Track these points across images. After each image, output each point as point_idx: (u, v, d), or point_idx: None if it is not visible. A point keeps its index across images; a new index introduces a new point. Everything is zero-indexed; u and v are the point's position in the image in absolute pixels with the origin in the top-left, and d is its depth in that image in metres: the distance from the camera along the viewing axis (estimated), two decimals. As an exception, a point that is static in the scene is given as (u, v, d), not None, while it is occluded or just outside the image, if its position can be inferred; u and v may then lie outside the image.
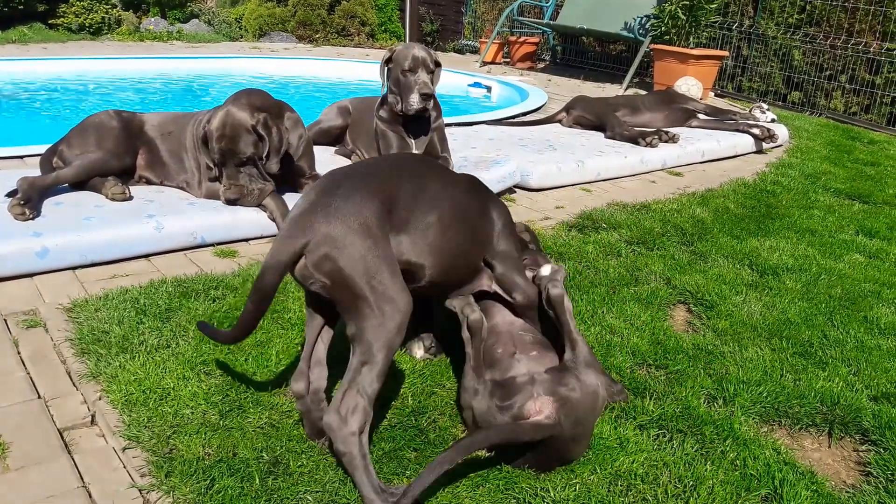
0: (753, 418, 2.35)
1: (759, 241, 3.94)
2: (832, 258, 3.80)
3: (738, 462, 2.10)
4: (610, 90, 9.72)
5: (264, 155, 3.48)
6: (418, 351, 2.53)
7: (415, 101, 3.97)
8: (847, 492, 2.08)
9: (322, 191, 1.94)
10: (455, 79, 9.77)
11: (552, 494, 1.91)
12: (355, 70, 10.04)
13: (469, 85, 9.61)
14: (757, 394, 2.45)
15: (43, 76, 8.53)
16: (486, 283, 2.39)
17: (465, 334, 2.18)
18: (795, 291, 3.31)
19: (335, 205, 1.88)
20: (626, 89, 9.60)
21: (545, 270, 2.35)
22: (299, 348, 2.50)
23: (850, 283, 3.46)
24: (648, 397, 2.38)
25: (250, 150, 3.43)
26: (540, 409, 1.97)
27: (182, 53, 10.25)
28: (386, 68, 4.05)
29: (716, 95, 9.84)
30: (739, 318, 3.00)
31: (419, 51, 3.98)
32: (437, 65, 4.06)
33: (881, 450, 2.24)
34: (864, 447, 2.29)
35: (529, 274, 2.43)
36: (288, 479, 1.90)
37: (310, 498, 1.85)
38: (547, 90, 8.97)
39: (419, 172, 2.18)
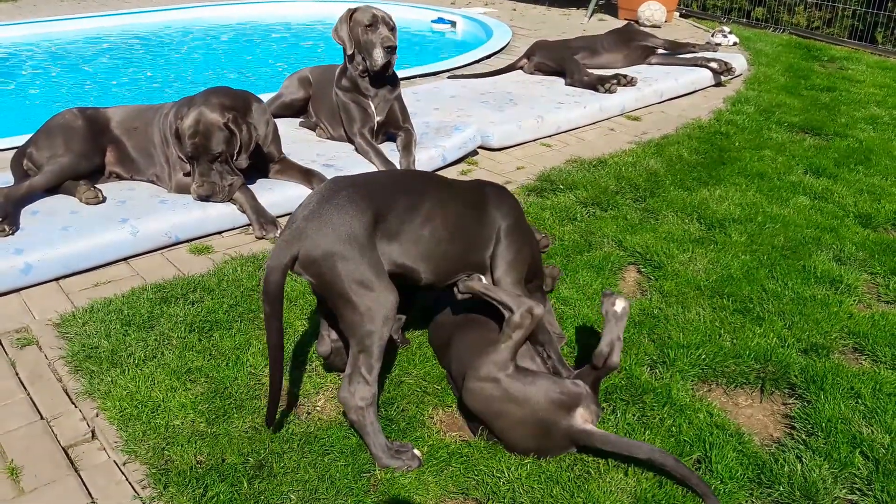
0: (692, 381, 2.59)
1: (709, 190, 4.13)
2: (778, 203, 4.00)
3: (673, 429, 2.35)
4: (576, 16, 9.71)
5: (235, 151, 3.62)
6: None
7: (379, 55, 4.09)
8: (771, 447, 2.33)
9: (321, 199, 2.24)
10: (419, 14, 9.71)
11: (507, 474, 2.15)
12: (334, 9, 9.86)
13: (433, 21, 9.57)
14: (696, 356, 2.68)
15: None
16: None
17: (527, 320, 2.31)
18: (740, 245, 3.52)
19: (328, 215, 2.18)
20: (590, 17, 9.57)
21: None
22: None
23: (792, 231, 3.66)
24: (596, 370, 2.61)
25: (222, 147, 3.59)
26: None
27: (144, 6, 9.83)
28: (346, 29, 4.15)
29: (680, 16, 9.82)
30: (685, 278, 3.21)
31: (377, 10, 4.13)
32: (395, 27, 4.18)
33: (805, 403, 2.49)
34: (791, 401, 2.54)
35: None
36: (272, 480, 2.14)
37: (293, 497, 2.09)
38: (512, 23, 8.95)
39: (417, 189, 2.45)
